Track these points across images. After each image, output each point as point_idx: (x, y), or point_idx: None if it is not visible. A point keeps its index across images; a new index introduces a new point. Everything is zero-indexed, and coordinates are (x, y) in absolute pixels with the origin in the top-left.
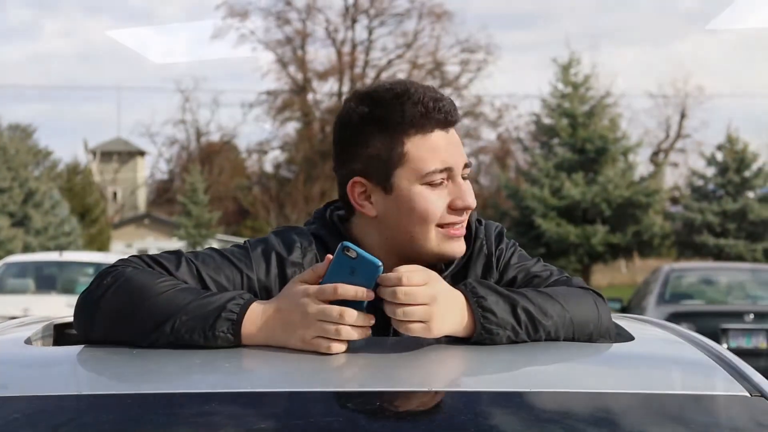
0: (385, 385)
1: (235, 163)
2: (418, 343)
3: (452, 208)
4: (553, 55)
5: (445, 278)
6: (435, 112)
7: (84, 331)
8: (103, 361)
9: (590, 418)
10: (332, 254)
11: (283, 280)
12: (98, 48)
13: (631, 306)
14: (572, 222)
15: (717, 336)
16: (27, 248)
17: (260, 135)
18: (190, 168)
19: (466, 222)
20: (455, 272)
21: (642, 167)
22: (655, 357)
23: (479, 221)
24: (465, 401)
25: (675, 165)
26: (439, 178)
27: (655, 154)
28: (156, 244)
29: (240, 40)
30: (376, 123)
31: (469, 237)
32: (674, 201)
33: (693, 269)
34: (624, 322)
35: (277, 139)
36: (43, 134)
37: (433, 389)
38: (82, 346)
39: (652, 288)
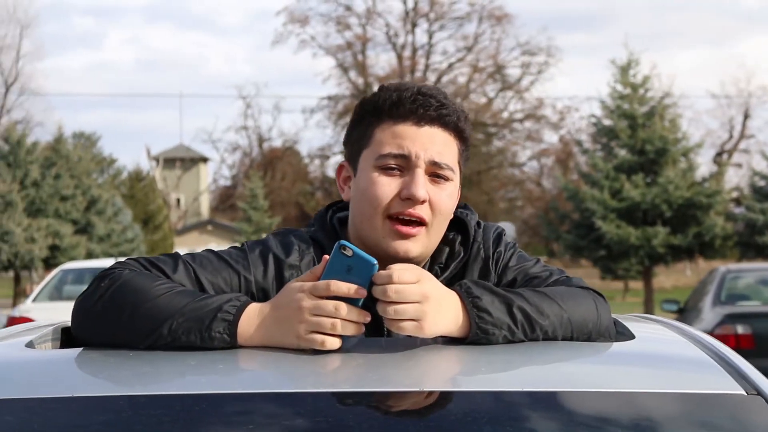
0: (378, 385)
1: (297, 169)
2: (412, 344)
3: (400, 198)
4: (614, 57)
5: (442, 281)
6: (409, 103)
7: (82, 333)
8: (99, 363)
9: (586, 417)
10: (344, 240)
11: (281, 282)
12: (160, 55)
13: (688, 307)
14: (632, 224)
15: None
16: (90, 255)
17: (322, 140)
18: (250, 174)
19: (418, 214)
20: (452, 276)
21: (704, 168)
22: (653, 356)
23: (478, 224)
24: (458, 401)
25: (738, 166)
26: (392, 164)
27: (719, 155)
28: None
29: (300, 46)
30: (361, 109)
31: (467, 240)
32: (737, 202)
33: (749, 270)
34: (629, 321)
35: (338, 144)
36: (107, 142)
37: (426, 389)
38: (81, 348)
39: (708, 289)
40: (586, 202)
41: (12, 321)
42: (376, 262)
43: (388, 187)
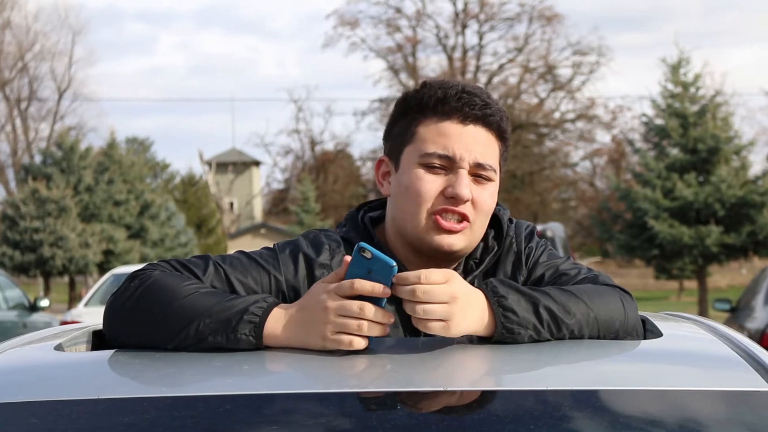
0: (402, 385)
1: (349, 171)
2: (436, 343)
3: (444, 196)
4: (665, 55)
5: (476, 276)
6: (454, 100)
7: (112, 333)
8: (125, 366)
9: (612, 415)
10: (363, 243)
11: (312, 281)
12: (212, 60)
13: (740, 306)
14: (685, 223)
15: None
16: (144, 260)
17: (374, 143)
18: (302, 177)
19: (462, 215)
20: (486, 270)
21: (758, 166)
22: (680, 353)
23: (510, 220)
24: (481, 401)
25: None
26: (437, 163)
27: None
28: None
29: (351, 49)
30: (404, 105)
31: (500, 235)
32: None
33: None
34: (659, 319)
35: None
36: (160, 147)
37: (449, 389)
38: (108, 351)
39: (760, 288)
40: (638, 201)
41: (64, 325)
42: (395, 263)
43: (432, 184)
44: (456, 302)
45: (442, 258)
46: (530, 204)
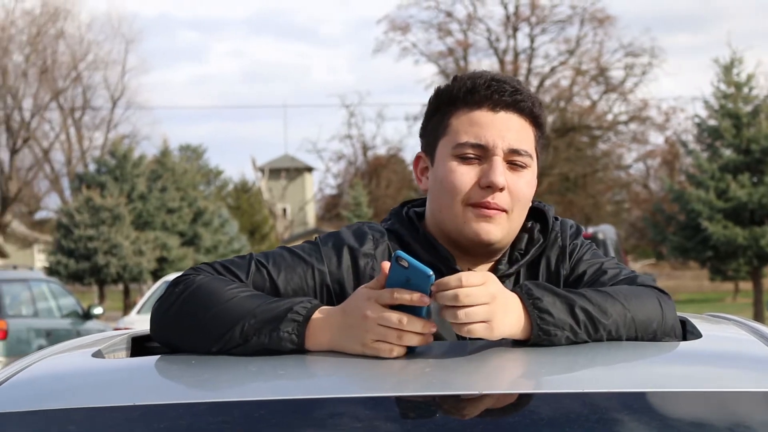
0: (437, 389)
1: (402, 176)
2: (476, 346)
3: (479, 186)
4: (717, 56)
5: (521, 265)
6: (483, 89)
7: (158, 338)
8: (161, 371)
9: (650, 418)
10: (404, 249)
11: (356, 271)
12: (263, 67)
13: None
14: (739, 224)
15: None
16: None
17: None
18: (354, 182)
19: (498, 204)
20: (531, 261)
21: None
22: (720, 355)
23: (555, 218)
24: (517, 404)
25: None
26: (470, 153)
27: None
28: None
29: (402, 54)
30: (437, 99)
31: (545, 229)
32: None
33: None
34: (701, 320)
35: None
36: (213, 154)
37: (484, 392)
38: (145, 357)
39: None
40: (691, 203)
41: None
42: (431, 273)
43: (467, 175)
44: (496, 302)
45: (483, 250)
46: (583, 206)
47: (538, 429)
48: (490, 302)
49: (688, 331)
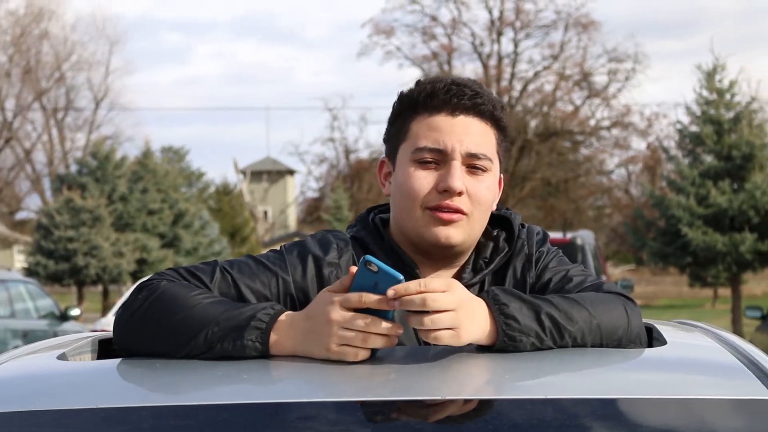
0: (400, 394)
1: None
2: (441, 352)
3: (437, 191)
4: (700, 62)
5: (486, 274)
6: (442, 94)
7: (121, 344)
8: (125, 375)
9: (613, 425)
10: (369, 255)
11: (321, 280)
12: (247, 69)
13: None
14: (719, 230)
15: None
16: None
17: None
18: (335, 186)
19: (457, 206)
20: (496, 269)
21: None
22: (684, 362)
23: (522, 225)
24: (479, 410)
25: None
26: (429, 157)
27: None
28: None
29: (386, 57)
30: (399, 105)
31: (511, 237)
32: None
33: None
34: (668, 327)
35: None
36: (195, 156)
37: (447, 397)
38: (109, 360)
39: None
40: (672, 209)
41: (73, 334)
42: (402, 277)
43: (425, 180)
44: (462, 309)
45: (445, 254)
46: (565, 211)
47: None
48: (456, 309)
49: (653, 338)
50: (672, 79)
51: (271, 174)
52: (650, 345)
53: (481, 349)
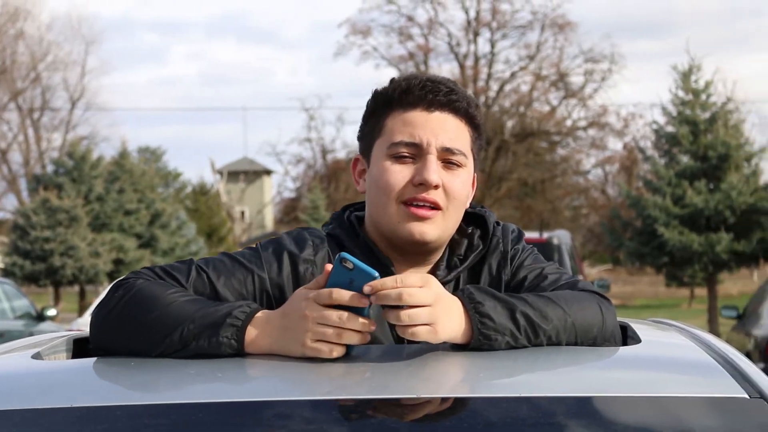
0: (374, 392)
1: None
2: (417, 350)
3: (413, 185)
4: (677, 63)
5: (460, 272)
6: (418, 90)
7: (98, 343)
8: (100, 373)
9: (587, 423)
10: (346, 253)
11: (296, 277)
12: (224, 69)
13: (747, 313)
14: (695, 230)
15: None
16: None
17: None
18: (312, 186)
19: (433, 199)
20: (471, 267)
21: None
22: (658, 360)
23: (497, 223)
24: (455, 408)
25: None
26: (404, 152)
27: None
28: None
29: (363, 57)
30: (373, 102)
31: (486, 235)
32: None
33: None
34: (642, 326)
35: None
36: (172, 156)
37: (422, 396)
38: (84, 359)
39: (766, 295)
40: (648, 209)
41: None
42: (377, 273)
43: (400, 174)
44: (439, 305)
45: (419, 250)
46: (542, 212)
47: None
48: (433, 304)
49: (628, 336)
50: (648, 79)
51: (248, 174)
52: (625, 343)
53: (456, 347)
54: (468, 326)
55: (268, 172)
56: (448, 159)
